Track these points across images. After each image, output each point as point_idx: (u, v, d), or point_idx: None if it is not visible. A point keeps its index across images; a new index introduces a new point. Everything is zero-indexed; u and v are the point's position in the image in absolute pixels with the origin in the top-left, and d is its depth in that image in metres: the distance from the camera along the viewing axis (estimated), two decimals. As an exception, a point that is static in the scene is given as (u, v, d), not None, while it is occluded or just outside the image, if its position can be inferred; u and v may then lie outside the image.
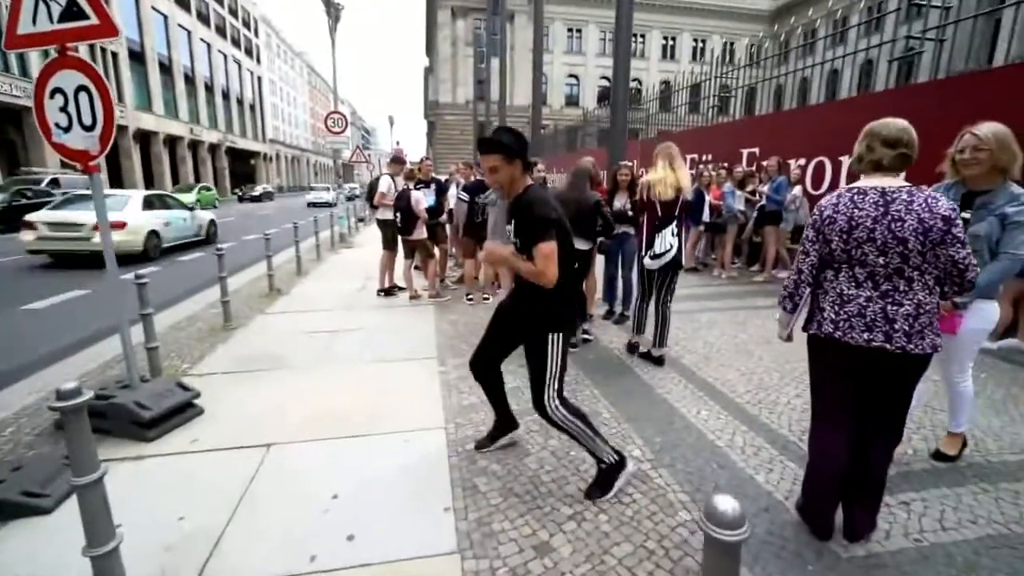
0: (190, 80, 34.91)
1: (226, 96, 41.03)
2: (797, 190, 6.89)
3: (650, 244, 3.80)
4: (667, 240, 3.74)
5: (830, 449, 2.00)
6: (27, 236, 8.59)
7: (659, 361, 3.96)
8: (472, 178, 6.93)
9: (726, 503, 0.94)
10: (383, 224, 6.10)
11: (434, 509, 2.22)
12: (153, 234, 9.45)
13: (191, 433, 2.89)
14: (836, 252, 1.88)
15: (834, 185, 6.79)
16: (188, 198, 17.58)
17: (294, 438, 2.82)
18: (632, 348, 4.22)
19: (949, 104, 5.21)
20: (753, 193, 7.41)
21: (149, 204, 9.77)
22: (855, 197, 1.85)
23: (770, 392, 3.43)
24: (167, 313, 5.39)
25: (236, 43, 43.51)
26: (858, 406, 1.97)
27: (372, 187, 6.28)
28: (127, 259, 8.36)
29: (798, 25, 33.23)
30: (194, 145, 35.81)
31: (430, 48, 49.16)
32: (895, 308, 1.79)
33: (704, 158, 9.58)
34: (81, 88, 2.66)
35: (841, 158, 6.66)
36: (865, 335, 1.81)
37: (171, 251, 10.35)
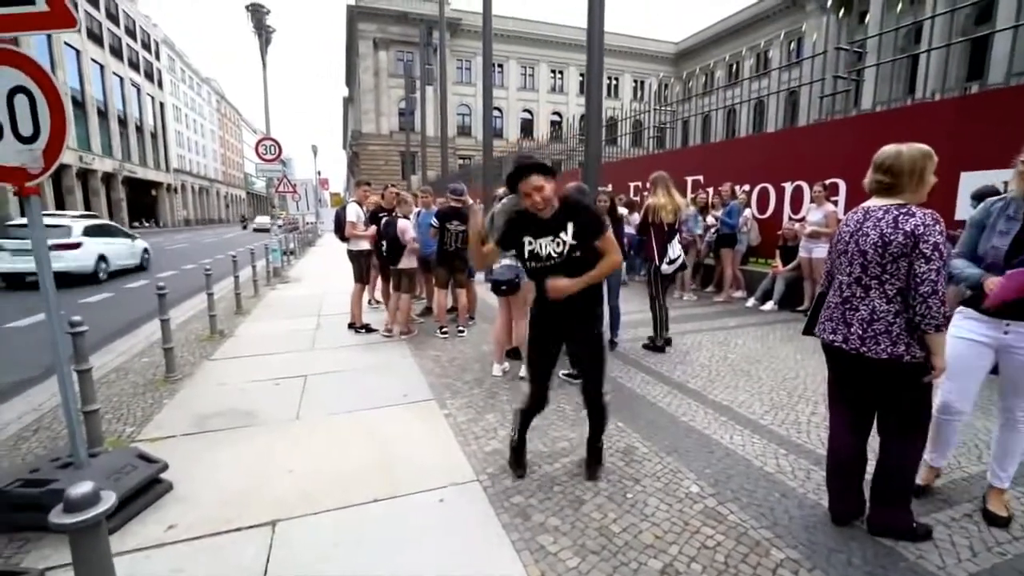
0: (79, 104, 31.46)
1: (123, 122, 37.35)
2: (747, 212, 7.30)
3: (663, 254, 4.67)
4: (676, 249, 4.74)
5: (833, 433, 2.22)
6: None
7: (666, 344, 4.84)
8: (432, 205, 6.65)
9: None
10: (356, 256, 5.60)
11: (507, 582, 1.88)
12: (102, 259, 10.61)
13: (163, 516, 2.31)
14: (832, 263, 2.16)
15: (779, 209, 7.28)
16: None
17: (301, 511, 2.34)
18: (659, 347, 4.81)
19: (866, 135, 5.79)
20: (704, 218, 7.77)
21: (93, 231, 10.66)
22: (850, 216, 2.07)
23: (787, 411, 3.43)
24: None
25: (135, 66, 40.03)
26: (856, 402, 2.13)
27: (339, 218, 5.76)
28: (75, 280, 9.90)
29: (713, 64, 36.60)
30: (84, 174, 32.07)
31: (350, 78, 48.34)
32: (852, 313, 1.99)
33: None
34: (18, 89, 2.12)
35: (784, 184, 7.17)
36: (830, 335, 2.06)
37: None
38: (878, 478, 2.12)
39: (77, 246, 9.87)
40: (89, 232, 10.37)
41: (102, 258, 10.53)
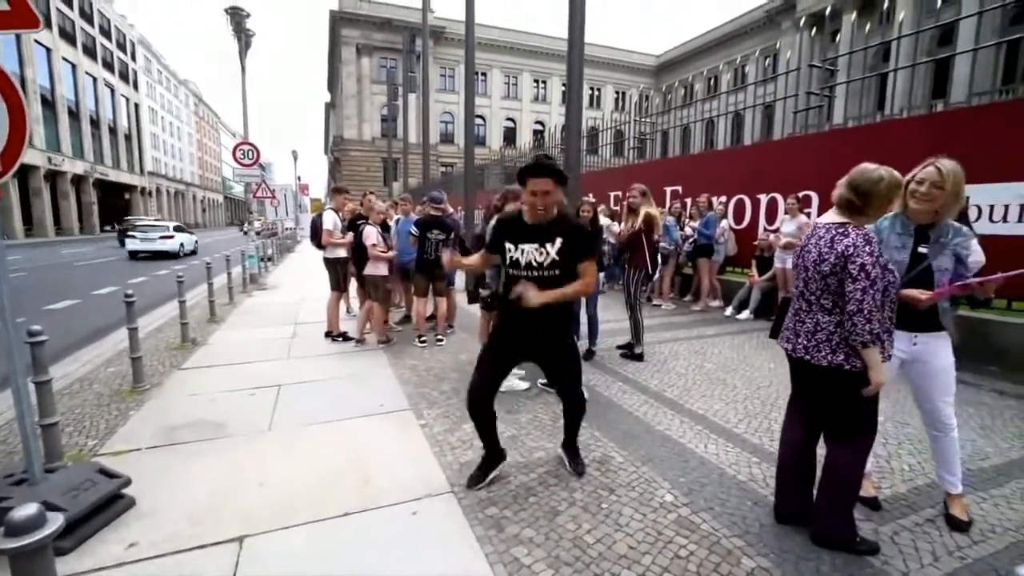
0: (49, 103, 30.60)
1: (96, 124, 36.42)
2: (724, 223, 7.44)
3: (655, 263, 4.90)
4: (660, 257, 5.15)
5: (784, 435, 2.35)
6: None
7: (640, 357, 4.86)
8: (411, 213, 6.61)
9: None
10: (332, 263, 5.53)
11: (480, 597, 1.86)
12: (182, 244, 18.22)
13: (124, 534, 2.22)
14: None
15: (754, 220, 7.44)
16: None
17: (271, 526, 2.28)
18: (637, 355, 4.89)
19: (838, 150, 5.98)
20: (681, 228, 7.89)
21: (177, 229, 18.57)
22: (807, 232, 2.13)
23: (761, 419, 3.48)
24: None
25: (109, 66, 39.13)
26: (806, 406, 2.24)
27: (316, 225, 5.70)
28: (169, 256, 17.60)
29: (692, 77, 37.32)
30: (53, 176, 31.12)
31: (333, 83, 48.01)
32: (800, 325, 2.10)
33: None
34: (-24, 92, 2.10)
35: (759, 196, 7.33)
36: (785, 344, 2.19)
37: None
38: (820, 486, 2.17)
39: (172, 237, 17.58)
40: (176, 229, 18.32)
41: (182, 244, 18.11)
